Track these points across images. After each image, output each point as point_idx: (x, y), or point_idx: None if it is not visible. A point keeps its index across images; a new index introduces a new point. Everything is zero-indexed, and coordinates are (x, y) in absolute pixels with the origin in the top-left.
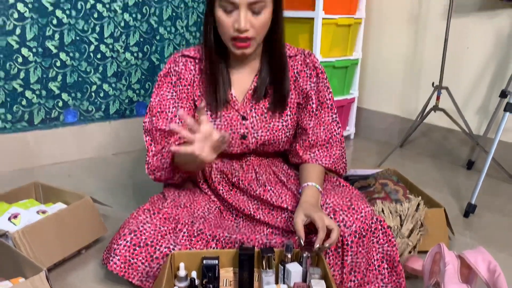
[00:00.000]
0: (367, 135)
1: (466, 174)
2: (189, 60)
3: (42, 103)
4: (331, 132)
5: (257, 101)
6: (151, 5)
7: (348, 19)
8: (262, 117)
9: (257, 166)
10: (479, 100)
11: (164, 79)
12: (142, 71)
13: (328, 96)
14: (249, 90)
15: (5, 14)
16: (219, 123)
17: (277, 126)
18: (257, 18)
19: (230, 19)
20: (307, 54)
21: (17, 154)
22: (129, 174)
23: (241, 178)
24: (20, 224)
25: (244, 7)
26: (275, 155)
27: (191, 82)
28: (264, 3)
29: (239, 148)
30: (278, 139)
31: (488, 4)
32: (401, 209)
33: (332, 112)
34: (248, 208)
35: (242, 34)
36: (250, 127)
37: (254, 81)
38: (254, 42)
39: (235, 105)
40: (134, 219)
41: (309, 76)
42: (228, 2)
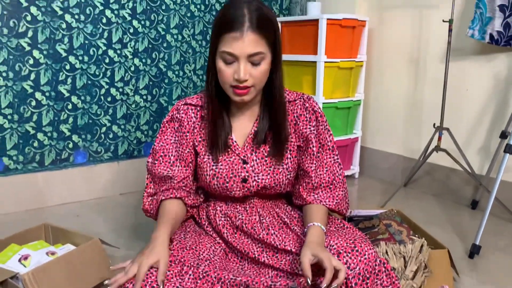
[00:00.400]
0: (371, 174)
1: (471, 214)
2: (190, 108)
3: (53, 144)
4: (333, 173)
5: (258, 146)
6: (160, 50)
7: (350, 62)
8: (263, 160)
9: (260, 209)
10: (480, 140)
11: (168, 124)
12: (150, 113)
13: (329, 138)
14: (250, 135)
15: (21, 61)
16: (221, 167)
17: (277, 169)
18: (256, 69)
19: (230, 70)
20: (306, 98)
21: (27, 194)
22: (136, 214)
23: (245, 221)
24: (30, 266)
25: (243, 59)
26: (278, 196)
27: (192, 128)
28: (263, 54)
29: (241, 191)
30: (279, 182)
31: (485, 48)
32: (405, 250)
33: (334, 154)
34: (253, 251)
35: (241, 84)
36: (250, 170)
37: (254, 126)
38: (253, 89)
39: (236, 150)
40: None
41: (309, 120)
42: (228, 53)
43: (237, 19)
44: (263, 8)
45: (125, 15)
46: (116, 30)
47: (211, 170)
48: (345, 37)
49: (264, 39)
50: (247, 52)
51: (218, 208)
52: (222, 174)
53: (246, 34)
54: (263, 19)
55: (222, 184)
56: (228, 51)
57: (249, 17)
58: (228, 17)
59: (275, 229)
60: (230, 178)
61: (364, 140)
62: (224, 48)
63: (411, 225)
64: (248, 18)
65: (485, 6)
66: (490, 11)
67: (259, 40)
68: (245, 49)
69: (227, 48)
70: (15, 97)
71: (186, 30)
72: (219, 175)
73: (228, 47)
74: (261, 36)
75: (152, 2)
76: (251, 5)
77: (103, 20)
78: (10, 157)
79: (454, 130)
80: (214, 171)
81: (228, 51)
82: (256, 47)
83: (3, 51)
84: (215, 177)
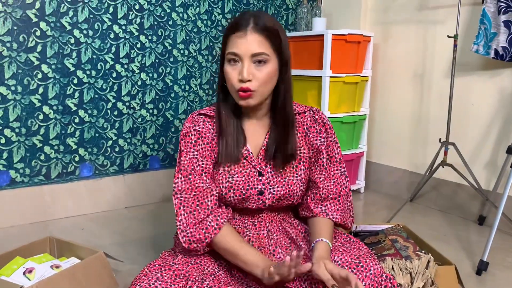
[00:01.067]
0: (376, 189)
1: (478, 230)
2: (206, 120)
3: (59, 157)
4: (340, 185)
5: (269, 159)
6: (167, 65)
7: (355, 77)
8: (278, 172)
9: (268, 223)
10: (487, 155)
11: (184, 138)
12: (156, 127)
13: (336, 151)
14: (263, 146)
15: (29, 75)
16: (237, 179)
17: (292, 181)
18: (260, 70)
19: (235, 71)
20: (315, 110)
21: (32, 207)
22: (141, 228)
23: (252, 238)
24: (35, 279)
25: (247, 58)
26: (287, 209)
27: (211, 140)
28: (267, 56)
29: (255, 204)
30: (293, 193)
31: (490, 63)
32: (411, 266)
33: (341, 166)
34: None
35: (244, 84)
36: (266, 183)
37: (266, 138)
38: (257, 94)
39: (252, 161)
40: (146, 276)
41: (319, 132)
42: (233, 54)
43: (242, 21)
44: (269, 16)
45: (132, 30)
46: (124, 45)
47: (227, 182)
48: (350, 52)
49: (268, 41)
50: (250, 51)
51: None
52: (239, 186)
53: (249, 33)
54: (267, 23)
55: (238, 196)
56: (233, 51)
57: (254, 20)
58: (234, 21)
59: (283, 248)
60: (246, 190)
61: (370, 154)
62: (229, 49)
63: (417, 241)
64: (253, 20)
65: (490, 22)
66: (494, 27)
67: (263, 40)
68: (249, 47)
69: (232, 49)
70: (23, 111)
71: (193, 45)
72: (236, 187)
73: (233, 47)
74: (265, 38)
75: (159, 17)
76: (257, 13)
77: (111, 35)
78: (17, 170)
79: (460, 145)
80: (231, 183)
81: (233, 51)
82: (260, 47)
83: (12, 65)
84: (231, 189)
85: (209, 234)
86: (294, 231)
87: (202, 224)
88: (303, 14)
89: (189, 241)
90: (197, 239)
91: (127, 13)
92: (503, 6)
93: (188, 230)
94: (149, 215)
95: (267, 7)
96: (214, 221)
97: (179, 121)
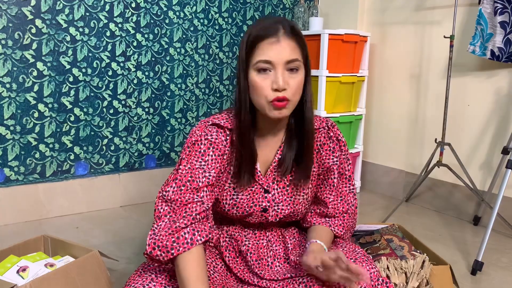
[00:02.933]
0: (372, 189)
1: (473, 230)
2: (219, 131)
3: (54, 156)
4: (348, 203)
5: (282, 175)
6: (163, 63)
7: (351, 77)
8: (284, 190)
9: (269, 232)
10: (482, 156)
11: (192, 147)
12: (152, 126)
13: (347, 168)
14: (273, 162)
15: (25, 72)
16: (241, 198)
17: (298, 200)
18: (294, 79)
19: (267, 81)
20: (331, 126)
21: (27, 205)
22: (136, 227)
23: (251, 250)
24: (28, 277)
25: (281, 66)
26: (290, 224)
27: (224, 152)
28: (300, 62)
29: (258, 219)
30: (298, 212)
31: (486, 64)
32: (406, 266)
33: (350, 184)
34: (252, 279)
35: (280, 93)
36: (271, 200)
37: (277, 154)
38: (290, 104)
39: (259, 179)
40: (140, 276)
41: (332, 150)
42: (265, 62)
43: (272, 27)
44: (292, 21)
45: (129, 28)
46: (120, 43)
47: (231, 199)
48: (347, 52)
49: (299, 47)
50: (285, 57)
51: (225, 228)
52: (243, 204)
53: (282, 39)
54: (296, 27)
55: (241, 213)
56: (265, 59)
57: (283, 25)
58: (262, 27)
59: (280, 261)
60: (250, 208)
61: (366, 154)
62: (260, 57)
63: (412, 241)
64: (282, 26)
65: (486, 23)
66: (491, 28)
67: (296, 46)
68: (283, 54)
69: (263, 56)
70: (18, 108)
71: (189, 44)
72: (240, 205)
73: (264, 55)
74: (297, 43)
75: (156, 16)
76: (280, 18)
77: (107, 33)
78: (11, 168)
79: (455, 146)
80: (235, 201)
81: (265, 59)
82: (293, 53)
83: (8, 63)
84: (235, 206)
85: (178, 246)
86: (292, 242)
87: (175, 233)
88: (300, 14)
89: (154, 244)
90: (163, 245)
91: (124, 11)
92: (499, 7)
93: (158, 234)
94: (144, 214)
95: (264, 6)
96: (190, 235)
97: (175, 120)
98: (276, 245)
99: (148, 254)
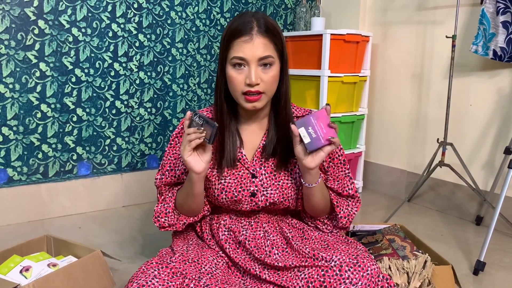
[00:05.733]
0: (374, 189)
1: (475, 230)
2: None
3: (57, 156)
4: (343, 187)
5: (266, 159)
6: (165, 64)
7: (353, 77)
8: (272, 175)
9: (265, 223)
10: (484, 156)
11: (178, 138)
12: (154, 126)
13: (339, 152)
14: (259, 148)
15: (27, 73)
16: (229, 181)
17: (286, 184)
18: (267, 73)
19: (241, 76)
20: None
21: (30, 206)
22: (138, 226)
23: (249, 238)
24: (31, 277)
25: (254, 63)
26: (285, 212)
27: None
28: (273, 58)
29: (249, 205)
30: (287, 196)
31: (489, 64)
32: (408, 266)
33: (345, 168)
34: (254, 269)
35: (253, 88)
36: (259, 185)
37: (263, 140)
38: (264, 96)
39: (245, 163)
40: (143, 273)
41: None
42: (239, 58)
43: (245, 25)
44: (268, 18)
45: (131, 29)
46: (122, 43)
47: (219, 184)
48: (349, 52)
49: (272, 44)
50: (257, 55)
51: (222, 221)
52: (231, 188)
53: (255, 37)
54: (270, 25)
55: (230, 198)
56: (239, 56)
57: (257, 23)
58: (236, 25)
59: (279, 250)
60: (238, 192)
61: (368, 154)
62: (235, 54)
63: (414, 241)
64: (256, 23)
65: (489, 22)
66: (493, 27)
67: (268, 43)
68: (255, 52)
69: (237, 53)
70: (20, 109)
71: (191, 44)
72: (228, 189)
73: (238, 52)
74: (270, 41)
75: (158, 16)
76: (257, 14)
77: (109, 33)
78: (14, 168)
79: (458, 146)
80: (223, 185)
81: (239, 55)
82: (266, 50)
83: (10, 63)
84: (223, 190)
85: (168, 205)
86: (291, 231)
87: (163, 202)
88: (302, 14)
89: (156, 219)
90: (158, 213)
91: (126, 12)
92: (501, 7)
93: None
94: (146, 214)
95: (266, 7)
96: (170, 192)
97: (177, 120)
98: (273, 235)
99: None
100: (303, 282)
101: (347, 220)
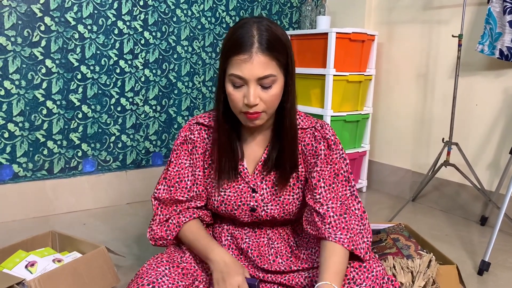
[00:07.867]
0: (379, 188)
1: (480, 230)
2: (203, 129)
3: (62, 152)
4: (347, 207)
5: (268, 173)
6: (171, 61)
7: (359, 76)
8: (273, 190)
9: (269, 230)
10: (490, 156)
11: (182, 147)
12: (159, 123)
13: (345, 168)
14: (260, 161)
15: (33, 70)
16: (229, 194)
17: (287, 200)
18: (267, 93)
19: (240, 94)
20: (319, 126)
21: (35, 202)
22: (142, 223)
23: (252, 246)
24: (37, 272)
25: (253, 82)
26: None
27: (205, 150)
28: (274, 77)
29: (249, 218)
30: (288, 212)
31: (495, 63)
32: (413, 265)
33: (350, 186)
34: (258, 275)
35: (251, 109)
36: (260, 200)
37: (265, 153)
38: (264, 115)
39: (245, 177)
40: (153, 270)
41: (315, 150)
42: (237, 77)
43: (245, 41)
44: (273, 28)
45: (137, 26)
46: (128, 41)
47: (219, 196)
48: (354, 51)
49: (274, 61)
50: (256, 75)
51: (225, 226)
52: (230, 201)
53: (255, 56)
54: (273, 39)
55: (230, 211)
56: (237, 74)
57: (258, 38)
58: (236, 38)
59: (283, 258)
60: (238, 206)
61: (372, 154)
62: (233, 71)
63: (419, 240)
64: (257, 39)
65: (495, 22)
66: (499, 27)
67: (269, 62)
68: (254, 72)
69: (235, 71)
70: (26, 105)
71: (197, 42)
72: (227, 202)
73: (236, 70)
74: (272, 58)
75: (163, 14)
76: (260, 24)
77: (115, 31)
78: (19, 164)
79: (463, 145)
80: (222, 197)
81: (237, 74)
82: (266, 70)
83: (17, 60)
84: (222, 203)
85: (171, 232)
86: (296, 239)
87: (166, 224)
88: (307, 12)
89: (152, 238)
90: (159, 237)
91: (132, 9)
92: (508, 6)
93: (154, 229)
94: (150, 211)
95: (272, 5)
96: (176, 219)
97: (182, 118)
98: (277, 243)
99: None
100: (307, 281)
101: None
